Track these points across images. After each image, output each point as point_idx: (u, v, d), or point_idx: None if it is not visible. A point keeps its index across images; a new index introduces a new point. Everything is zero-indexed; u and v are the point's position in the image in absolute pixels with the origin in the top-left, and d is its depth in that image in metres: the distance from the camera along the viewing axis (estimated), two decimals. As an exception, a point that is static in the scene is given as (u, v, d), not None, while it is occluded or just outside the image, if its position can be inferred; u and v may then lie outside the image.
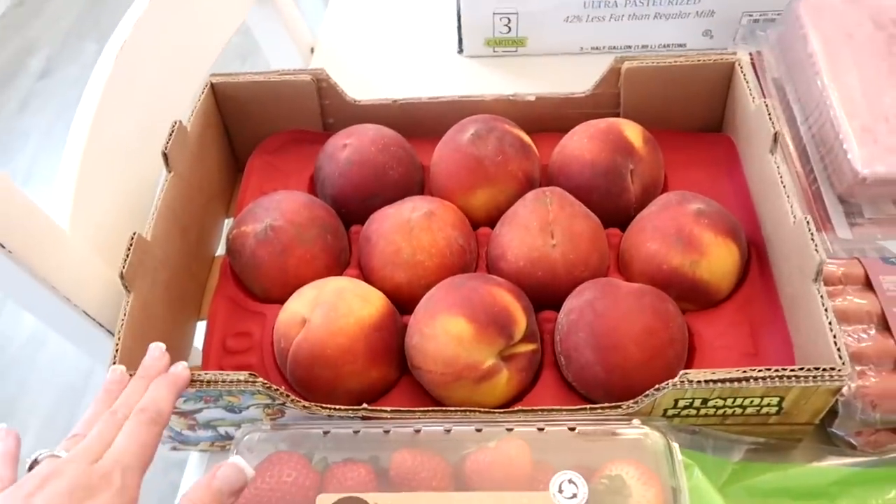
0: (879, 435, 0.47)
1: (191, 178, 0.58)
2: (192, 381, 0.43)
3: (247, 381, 0.44)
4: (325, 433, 0.45)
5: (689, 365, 0.49)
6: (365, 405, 0.46)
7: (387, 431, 0.45)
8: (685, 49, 0.76)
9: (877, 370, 0.47)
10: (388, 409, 0.46)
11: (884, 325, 0.49)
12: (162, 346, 0.43)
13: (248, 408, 0.46)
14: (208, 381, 0.44)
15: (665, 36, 0.75)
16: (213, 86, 0.61)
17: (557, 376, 0.50)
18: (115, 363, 0.45)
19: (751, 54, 0.69)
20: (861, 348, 0.48)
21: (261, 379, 0.44)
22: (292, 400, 0.45)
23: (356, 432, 0.45)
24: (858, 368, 0.47)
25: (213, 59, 0.74)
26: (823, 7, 0.64)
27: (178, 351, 0.55)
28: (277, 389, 0.45)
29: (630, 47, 0.77)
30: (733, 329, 0.51)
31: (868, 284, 0.51)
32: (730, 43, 0.73)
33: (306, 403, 0.46)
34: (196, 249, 0.59)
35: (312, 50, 0.86)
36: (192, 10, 0.71)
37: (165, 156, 0.54)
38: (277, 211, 0.55)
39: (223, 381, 0.44)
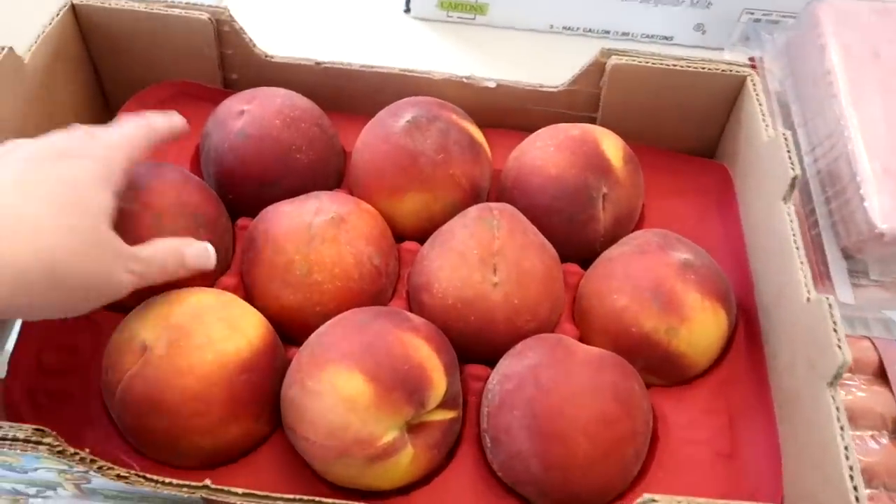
0: None
1: (27, 128, 0.43)
2: None
3: (26, 442, 0.30)
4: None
5: (646, 463, 0.38)
6: (208, 481, 0.33)
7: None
8: (672, 42, 0.67)
9: (889, 494, 0.37)
10: (240, 490, 0.33)
11: (899, 434, 0.39)
12: None
13: (35, 470, 0.33)
14: (-30, 435, 0.30)
15: (651, 25, 0.66)
16: (74, 7, 0.46)
17: (479, 457, 0.38)
18: None
19: (751, 59, 0.58)
20: (869, 463, 0.37)
21: (49, 439, 0.30)
22: (99, 467, 0.32)
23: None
24: (868, 492, 0.36)
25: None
26: (849, 14, 0.53)
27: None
28: (76, 454, 0.31)
29: (608, 32, 0.67)
30: (707, 418, 0.39)
31: (882, 374, 0.41)
32: (725, 42, 0.64)
33: (123, 472, 0.32)
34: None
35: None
36: None
37: (-19, 93, 0.39)
38: (133, 190, 0.40)
39: (-7, 438, 0.30)
